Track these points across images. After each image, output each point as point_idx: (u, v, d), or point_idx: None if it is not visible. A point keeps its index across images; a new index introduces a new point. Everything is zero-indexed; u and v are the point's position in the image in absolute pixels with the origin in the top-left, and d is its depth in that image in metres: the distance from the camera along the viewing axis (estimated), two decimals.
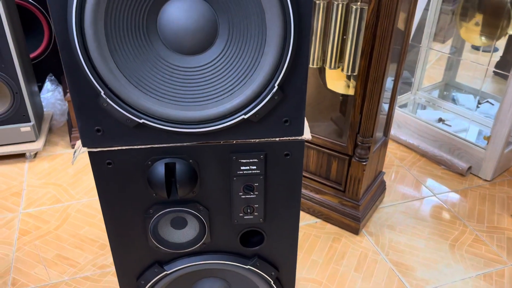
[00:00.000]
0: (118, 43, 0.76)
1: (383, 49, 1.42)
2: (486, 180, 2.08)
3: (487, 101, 2.42)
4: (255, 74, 0.80)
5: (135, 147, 0.86)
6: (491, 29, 2.34)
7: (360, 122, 1.57)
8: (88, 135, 0.83)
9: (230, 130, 0.85)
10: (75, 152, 0.87)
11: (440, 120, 2.31)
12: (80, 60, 0.74)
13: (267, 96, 0.81)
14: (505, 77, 2.33)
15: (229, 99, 0.82)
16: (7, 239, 1.72)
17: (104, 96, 0.78)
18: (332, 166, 1.74)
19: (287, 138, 0.88)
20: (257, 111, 0.82)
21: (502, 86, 2.59)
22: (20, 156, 2.20)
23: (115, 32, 0.74)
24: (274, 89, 0.81)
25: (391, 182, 2.07)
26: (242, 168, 0.91)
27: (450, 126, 2.26)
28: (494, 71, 2.55)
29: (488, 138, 2.00)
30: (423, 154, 2.25)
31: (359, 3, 1.46)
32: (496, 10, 2.24)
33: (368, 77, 1.49)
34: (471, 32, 2.27)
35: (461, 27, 2.40)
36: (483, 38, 2.40)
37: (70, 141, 2.31)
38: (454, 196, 1.98)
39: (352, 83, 1.65)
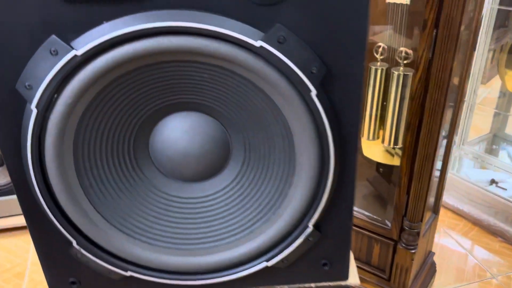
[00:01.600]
0: (95, 176, 0.56)
1: (434, 124, 1.19)
2: None
3: None
4: (281, 209, 0.58)
5: None
6: None
7: (407, 204, 1.33)
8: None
9: (248, 277, 0.63)
10: None
11: (493, 182, 2.03)
12: (42, 204, 0.54)
13: (299, 237, 0.59)
14: None
15: (246, 240, 0.60)
16: None
17: (77, 246, 0.57)
18: (374, 251, 1.49)
19: (327, 284, 0.66)
20: (285, 257, 0.60)
21: None
22: (26, 228, 2.03)
23: (89, 163, 0.55)
24: (308, 230, 0.59)
25: (440, 258, 1.79)
26: None
27: (505, 189, 1.98)
28: None
29: None
30: (476, 223, 1.97)
31: (401, 68, 1.25)
32: None
33: (416, 154, 1.26)
34: None
35: (505, 74, 2.14)
36: None
37: None
38: None
39: (396, 151, 1.42)
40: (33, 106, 0.48)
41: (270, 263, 0.60)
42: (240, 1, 0.46)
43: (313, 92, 0.49)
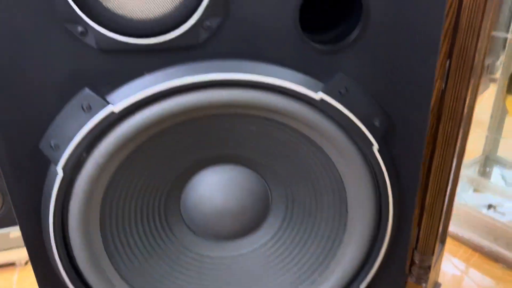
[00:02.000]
0: (122, 239, 0.49)
1: (447, 156, 1.16)
2: None
3: None
4: (328, 271, 0.53)
5: None
6: None
7: (418, 238, 1.29)
8: None
9: None
10: None
11: (490, 206, 2.02)
12: (63, 276, 0.47)
13: None
14: None
15: None
16: None
17: None
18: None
19: None
20: None
21: None
22: (9, 265, 1.91)
23: (117, 226, 0.48)
24: None
25: (444, 287, 1.75)
26: None
27: (503, 214, 1.97)
28: None
29: None
30: (476, 249, 1.95)
31: None
32: None
33: (427, 187, 1.22)
34: None
35: (505, 99, 2.15)
36: None
37: None
38: None
39: None
40: (59, 168, 0.41)
41: None
42: (298, 49, 0.41)
43: (375, 147, 0.44)
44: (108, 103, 0.39)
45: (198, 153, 0.48)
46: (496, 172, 2.32)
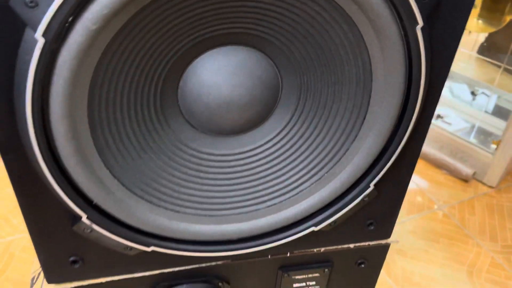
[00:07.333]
0: (112, 131, 0.42)
1: None
2: (491, 187, 1.91)
3: (483, 93, 2.23)
4: (338, 166, 0.49)
5: (135, 275, 0.53)
6: (491, 13, 2.11)
7: None
8: (56, 269, 0.49)
9: (286, 243, 0.54)
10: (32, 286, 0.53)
11: (438, 116, 2.09)
12: (43, 171, 0.39)
13: (355, 199, 0.51)
14: (492, 64, 2.16)
15: (292, 203, 0.51)
16: None
17: (87, 221, 0.44)
18: None
19: (367, 244, 0.59)
20: (335, 219, 0.52)
21: (491, 75, 2.42)
22: None
23: (107, 115, 0.40)
24: (368, 190, 0.50)
25: None
26: (294, 285, 0.61)
27: (449, 124, 2.06)
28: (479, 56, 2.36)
29: (497, 143, 1.81)
30: (421, 156, 2.04)
31: None
32: None
33: None
34: None
35: None
36: (480, 22, 2.17)
37: None
38: (461, 208, 1.80)
39: None
40: (38, 34, 0.32)
41: (317, 228, 0.52)
42: None
43: (419, 26, 0.38)
44: None
45: (203, 29, 0.39)
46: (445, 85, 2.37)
